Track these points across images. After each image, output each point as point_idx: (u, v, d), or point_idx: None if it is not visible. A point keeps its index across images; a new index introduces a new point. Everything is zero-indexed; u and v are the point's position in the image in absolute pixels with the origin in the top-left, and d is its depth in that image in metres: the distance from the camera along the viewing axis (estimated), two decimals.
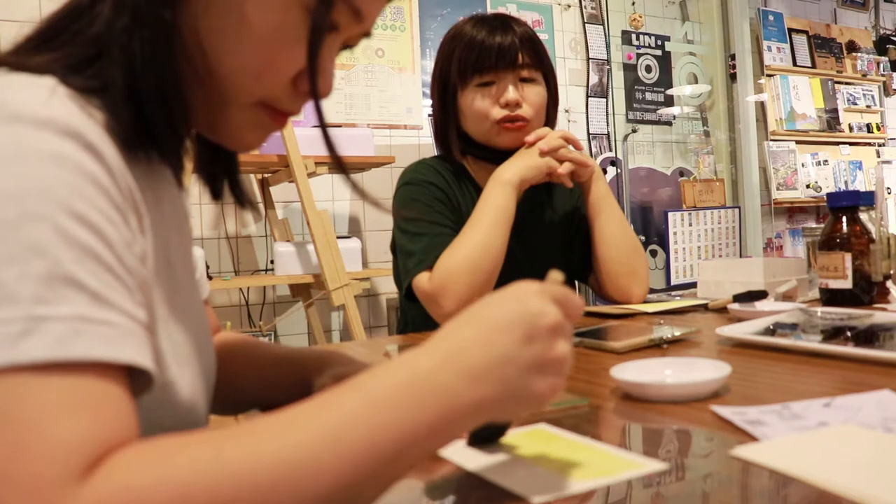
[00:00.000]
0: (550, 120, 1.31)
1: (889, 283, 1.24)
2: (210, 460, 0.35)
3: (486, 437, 0.54)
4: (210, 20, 0.49)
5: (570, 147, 1.24)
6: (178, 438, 0.36)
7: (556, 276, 0.48)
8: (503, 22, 1.24)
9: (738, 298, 1.19)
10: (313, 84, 0.50)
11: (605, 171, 3.46)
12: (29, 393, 0.35)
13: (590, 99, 3.58)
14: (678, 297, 1.51)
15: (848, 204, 1.25)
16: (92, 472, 0.34)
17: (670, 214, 3.42)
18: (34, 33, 0.50)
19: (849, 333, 0.86)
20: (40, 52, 0.48)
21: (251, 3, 0.48)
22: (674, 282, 3.41)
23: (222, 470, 0.34)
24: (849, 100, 4.26)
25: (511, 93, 1.21)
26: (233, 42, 0.49)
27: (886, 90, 4.47)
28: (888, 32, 4.59)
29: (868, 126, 4.31)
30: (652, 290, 1.72)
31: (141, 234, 0.46)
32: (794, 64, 4.08)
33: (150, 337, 0.43)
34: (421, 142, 3.09)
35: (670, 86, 3.83)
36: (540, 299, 0.45)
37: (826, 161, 4.06)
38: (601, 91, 3.60)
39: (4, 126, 0.39)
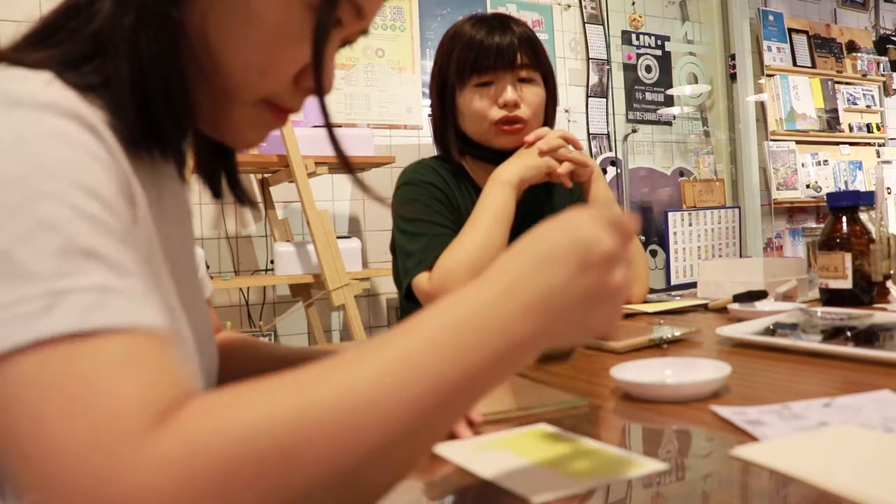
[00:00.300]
0: (549, 120, 1.31)
1: (889, 283, 1.24)
2: (273, 408, 0.35)
3: (553, 357, 0.53)
4: (215, 17, 0.49)
5: (570, 147, 1.24)
6: (240, 389, 0.36)
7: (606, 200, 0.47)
8: (502, 22, 1.24)
9: (738, 298, 1.19)
10: (318, 81, 0.50)
11: (605, 171, 3.46)
12: (72, 360, 0.34)
13: (590, 99, 3.58)
14: (678, 297, 1.51)
15: (848, 204, 1.25)
16: (159, 425, 0.34)
17: (670, 214, 3.42)
18: (31, 31, 0.50)
19: (849, 333, 0.86)
20: (37, 49, 0.48)
21: (258, 2, 0.48)
22: (674, 282, 3.41)
23: (284, 419, 0.34)
24: (849, 100, 4.26)
25: (509, 93, 1.21)
26: (238, 39, 0.49)
27: (886, 90, 4.47)
28: (888, 32, 4.59)
29: (868, 126, 4.31)
30: (652, 290, 1.72)
31: (139, 221, 0.47)
32: (794, 64, 4.08)
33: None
34: (421, 142, 3.08)
35: (670, 86, 3.83)
36: (593, 227, 0.44)
37: (826, 161, 4.06)
38: (601, 91, 3.60)
39: (5, 111, 0.39)
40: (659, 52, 3.81)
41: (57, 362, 0.34)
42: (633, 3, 3.74)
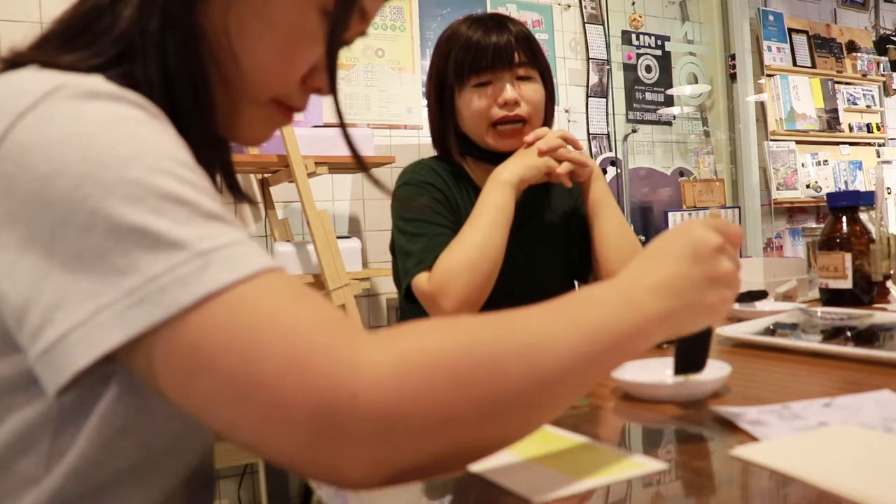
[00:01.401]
0: (548, 118, 1.31)
1: (889, 283, 1.24)
2: (479, 332, 0.42)
3: (690, 362, 0.63)
4: (233, 20, 0.51)
5: (569, 147, 1.24)
6: (437, 320, 0.43)
7: (715, 211, 0.62)
8: (498, 22, 1.24)
9: (738, 298, 1.19)
10: (332, 81, 0.53)
11: (605, 171, 3.46)
12: (251, 300, 0.38)
13: (590, 99, 3.57)
14: None
15: (848, 204, 1.25)
16: (367, 336, 0.39)
17: (670, 214, 3.42)
18: (52, 33, 0.51)
19: (849, 333, 0.86)
20: (64, 52, 0.49)
21: (274, 6, 0.50)
22: None
23: (492, 339, 0.42)
24: (849, 100, 4.25)
25: (509, 92, 1.21)
26: (254, 42, 0.51)
27: (886, 90, 4.47)
28: (888, 32, 4.59)
29: (868, 126, 4.30)
30: None
31: None
32: (794, 64, 4.08)
33: None
34: (421, 142, 3.08)
35: (670, 86, 3.82)
36: (702, 228, 0.56)
37: (826, 161, 4.06)
38: (601, 91, 3.60)
39: (87, 102, 0.41)
40: (659, 52, 3.81)
41: (242, 303, 0.38)
42: (633, 3, 3.74)
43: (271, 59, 0.52)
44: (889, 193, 3.79)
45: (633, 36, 3.74)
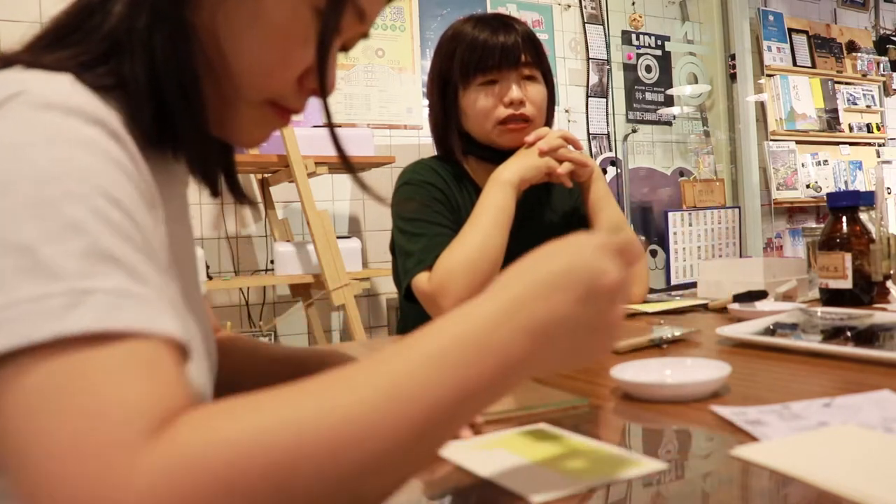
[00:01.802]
0: (549, 119, 1.32)
1: (889, 283, 1.24)
2: (271, 424, 0.35)
3: None
4: (224, 18, 0.50)
5: (570, 147, 1.24)
6: (236, 403, 0.36)
7: (619, 223, 0.51)
8: (503, 22, 1.24)
9: (738, 298, 1.19)
10: (322, 82, 0.51)
11: (605, 171, 3.46)
12: (84, 362, 0.34)
13: (590, 99, 3.58)
14: (678, 297, 1.51)
15: (848, 204, 1.25)
16: (158, 434, 0.34)
17: (670, 214, 3.42)
18: (46, 32, 0.50)
19: (849, 333, 0.86)
20: (53, 50, 0.48)
21: (266, 4, 0.49)
22: (674, 282, 3.41)
23: (286, 429, 0.34)
24: (849, 100, 4.26)
25: (515, 91, 1.22)
26: (246, 40, 0.50)
27: (886, 90, 4.47)
28: (888, 32, 4.59)
29: (868, 126, 4.31)
30: (652, 290, 1.72)
31: (158, 224, 0.47)
32: (794, 64, 4.08)
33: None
34: (421, 142, 3.09)
35: (670, 86, 3.83)
36: (601, 256, 0.44)
37: (826, 161, 4.06)
38: (601, 91, 3.60)
39: (37, 112, 0.40)
40: (659, 52, 3.81)
41: (68, 365, 0.34)
42: (633, 3, 3.74)
43: (263, 58, 0.51)
44: (889, 193, 3.79)
45: (633, 36, 3.74)
